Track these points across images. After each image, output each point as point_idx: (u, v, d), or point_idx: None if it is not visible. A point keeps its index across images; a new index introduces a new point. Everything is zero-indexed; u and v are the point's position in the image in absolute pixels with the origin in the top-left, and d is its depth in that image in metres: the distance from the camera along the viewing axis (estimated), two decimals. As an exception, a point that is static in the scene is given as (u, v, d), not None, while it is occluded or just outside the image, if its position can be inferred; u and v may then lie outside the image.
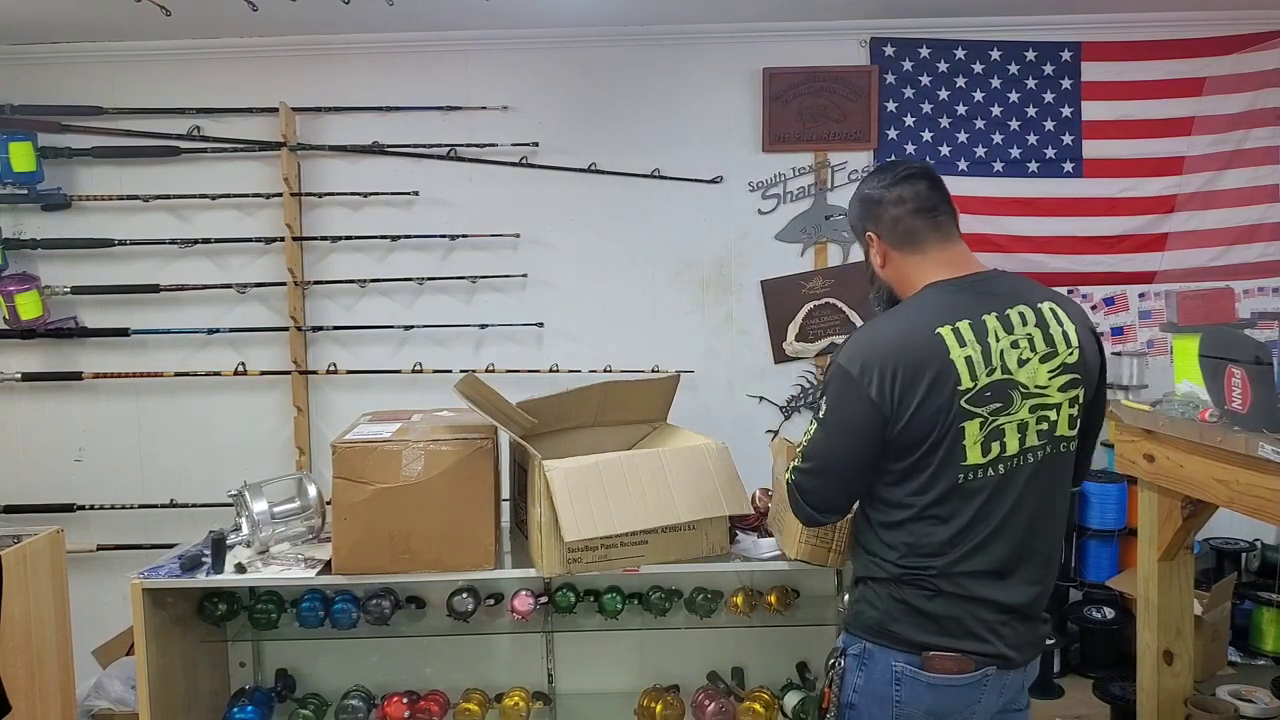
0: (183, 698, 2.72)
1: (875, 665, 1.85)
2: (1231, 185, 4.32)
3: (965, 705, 1.84)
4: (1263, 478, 2.16)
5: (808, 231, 4.35)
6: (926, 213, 1.89)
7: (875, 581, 1.87)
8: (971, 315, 1.78)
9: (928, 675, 1.81)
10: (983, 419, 1.76)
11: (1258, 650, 3.91)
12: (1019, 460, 1.80)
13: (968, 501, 1.79)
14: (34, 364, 4.26)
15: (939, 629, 1.82)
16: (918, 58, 4.30)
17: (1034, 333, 1.80)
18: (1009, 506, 1.81)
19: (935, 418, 1.75)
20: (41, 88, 4.18)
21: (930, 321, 1.78)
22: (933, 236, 1.89)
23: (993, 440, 1.77)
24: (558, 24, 4.13)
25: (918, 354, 1.75)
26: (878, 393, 1.75)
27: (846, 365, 1.81)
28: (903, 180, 1.91)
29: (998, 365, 1.76)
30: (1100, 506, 4.19)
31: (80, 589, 3.16)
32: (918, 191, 1.90)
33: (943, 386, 1.74)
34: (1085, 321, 1.91)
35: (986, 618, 1.82)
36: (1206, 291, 3.47)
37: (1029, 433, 1.79)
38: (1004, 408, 1.76)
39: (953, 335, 1.76)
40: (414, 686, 2.92)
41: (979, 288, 1.85)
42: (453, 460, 2.47)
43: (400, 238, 4.23)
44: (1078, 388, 1.83)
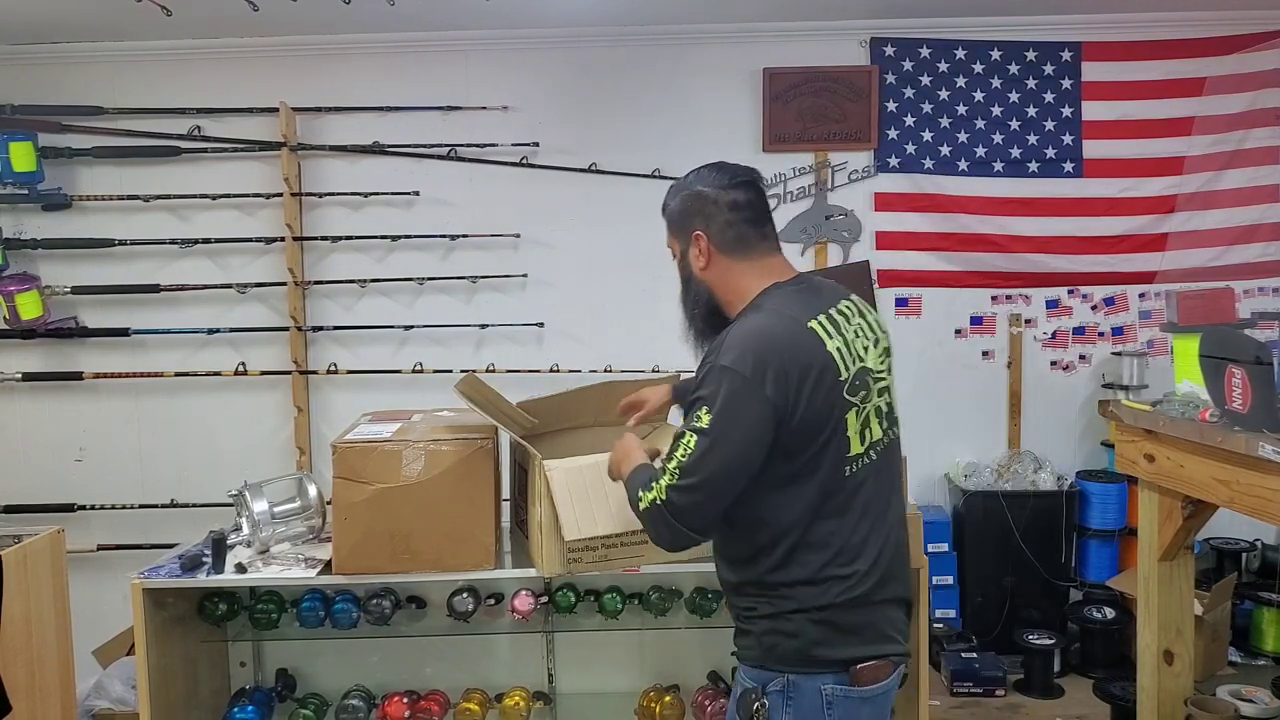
0: (183, 698, 2.71)
1: (803, 695, 1.76)
2: (1231, 185, 4.32)
3: (886, 708, 1.83)
4: (1263, 478, 2.16)
5: (808, 231, 4.35)
6: (758, 223, 1.88)
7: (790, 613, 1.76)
8: (823, 310, 1.79)
9: (859, 690, 1.76)
10: (857, 408, 1.76)
11: (1258, 650, 3.92)
12: (881, 445, 1.82)
13: (855, 495, 1.76)
14: (34, 364, 4.26)
15: (861, 639, 1.77)
16: (918, 58, 4.30)
17: (861, 324, 1.83)
18: (883, 496, 1.82)
19: (825, 411, 1.72)
20: (41, 88, 4.18)
21: (802, 317, 1.76)
22: (762, 245, 1.88)
23: (865, 428, 1.78)
24: (558, 24, 4.13)
25: (805, 349, 1.72)
26: (775, 392, 1.68)
27: (735, 367, 1.69)
28: (739, 185, 1.88)
29: (857, 354, 1.78)
30: (1100, 506, 4.20)
31: (80, 589, 3.16)
32: (751, 200, 1.88)
33: (829, 380, 1.72)
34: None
35: (891, 615, 1.81)
36: (1206, 291, 3.47)
37: (882, 417, 1.83)
38: (867, 395, 1.78)
39: (822, 329, 1.76)
40: (414, 686, 2.91)
41: (812, 288, 1.86)
42: (453, 460, 2.47)
43: (400, 238, 4.23)
44: (890, 375, 1.88)
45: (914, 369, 4.40)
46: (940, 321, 4.40)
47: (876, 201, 4.35)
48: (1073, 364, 4.43)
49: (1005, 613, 4.18)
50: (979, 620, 4.20)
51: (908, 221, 4.36)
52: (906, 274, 4.38)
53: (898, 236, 4.36)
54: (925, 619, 2.65)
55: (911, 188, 4.34)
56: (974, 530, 4.18)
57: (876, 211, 4.36)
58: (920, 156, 4.32)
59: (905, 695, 2.74)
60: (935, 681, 3.89)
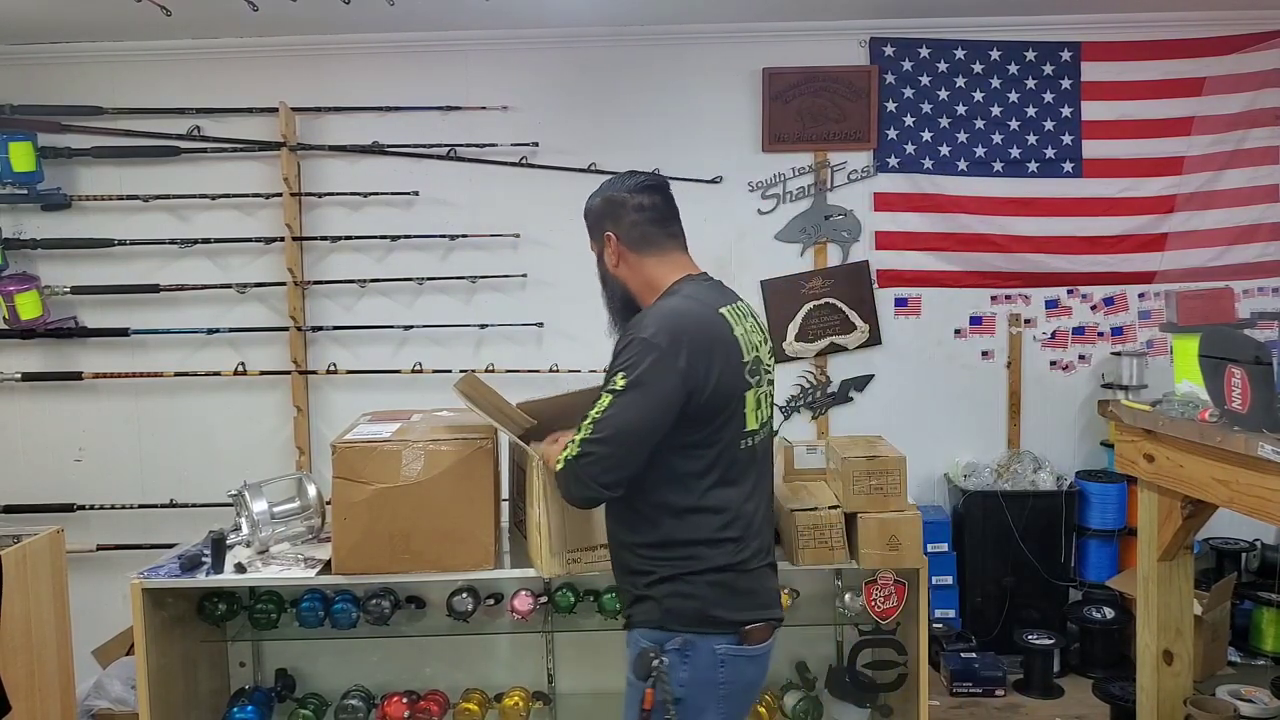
0: (183, 698, 2.71)
1: (699, 654, 1.90)
2: (1231, 185, 4.32)
3: (766, 666, 2.02)
4: (1263, 478, 2.16)
5: (807, 231, 4.35)
6: (663, 223, 2.06)
7: (689, 574, 1.91)
8: (728, 303, 2.01)
9: (748, 649, 1.94)
10: (754, 389, 1.97)
11: (1257, 650, 3.92)
12: (767, 429, 2.04)
13: (748, 468, 1.97)
14: (34, 364, 4.26)
15: (751, 602, 1.95)
16: (917, 58, 4.30)
17: (752, 322, 2.03)
18: (766, 473, 2.06)
19: (730, 388, 1.91)
20: (41, 88, 4.18)
21: (713, 303, 1.97)
22: (670, 243, 2.07)
23: (755, 409, 1.98)
24: (557, 24, 4.13)
25: (714, 330, 1.92)
26: (687, 365, 1.85)
27: (653, 339, 1.86)
28: (644, 189, 2.06)
29: (753, 344, 1.99)
30: (1100, 506, 4.20)
31: (80, 589, 3.16)
32: (655, 203, 2.06)
33: (733, 359, 1.92)
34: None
35: (769, 582, 2.03)
36: (1206, 291, 3.47)
37: (768, 404, 2.05)
38: (759, 381, 2.00)
39: (730, 315, 1.97)
40: (414, 686, 2.92)
41: (717, 284, 2.07)
42: (453, 460, 2.47)
43: (400, 238, 4.23)
44: (771, 373, 2.07)
45: (914, 369, 4.40)
46: (940, 321, 4.41)
47: (876, 201, 4.35)
48: (1072, 364, 4.43)
49: (1005, 613, 4.18)
50: (979, 620, 4.20)
51: (907, 221, 4.36)
52: (906, 274, 4.38)
53: (897, 236, 4.36)
54: (925, 619, 2.65)
55: (911, 188, 4.34)
56: (973, 530, 4.18)
57: (876, 211, 4.36)
58: (920, 156, 4.33)
59: (905, 695, 2.75)
60: (935, 681, 3.89)
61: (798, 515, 2.53)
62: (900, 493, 2.54)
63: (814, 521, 2.52)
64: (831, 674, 2.89)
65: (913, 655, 2.71)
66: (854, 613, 2.74)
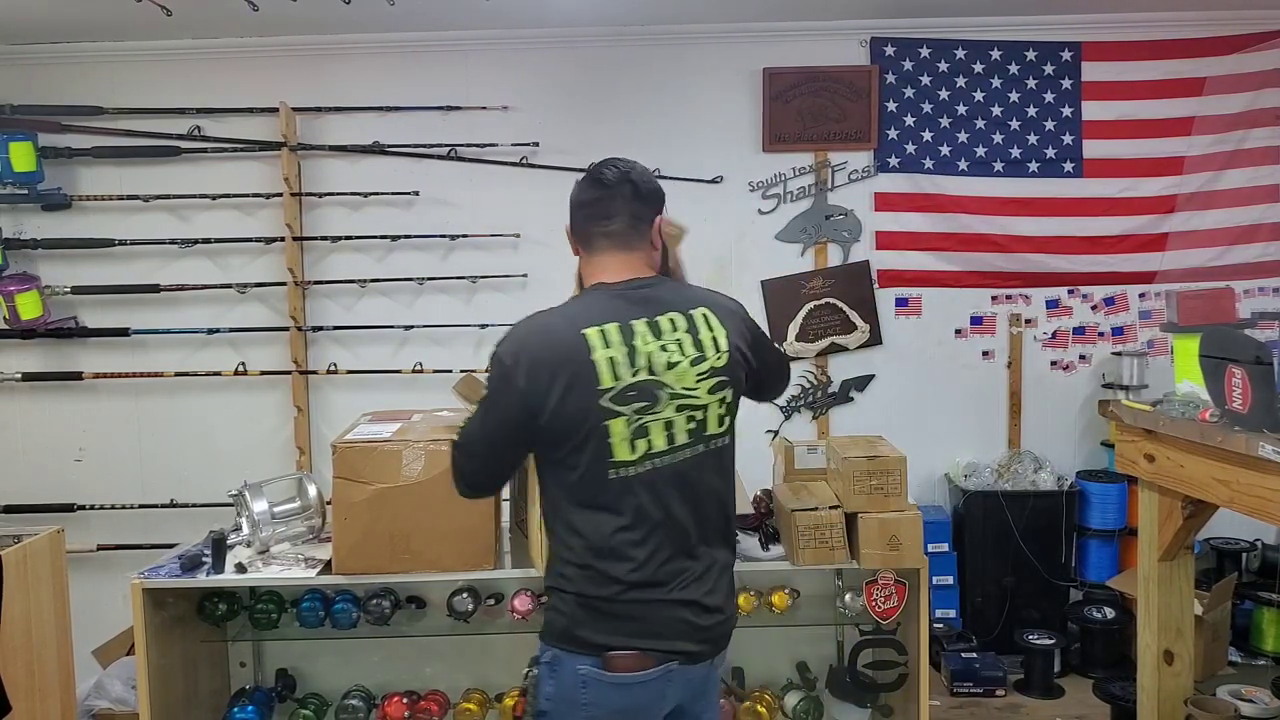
0: (183, 698, 2.71)
1: (564, 671, 1.86)
2: (1231, 185, 4.32)
3: (650, 702, 1.88)
4: (1263, 478, 2.16)
5: (808, 231, 4.35)
6: (598, 219, 1.92)
7: (562, 591, 1.88)
8: (621, 319, 1.84)
9: (610, 676, 1.83)
10: (627, 417, 1.81)
11: (1258, 650, 3.92)
12: (669, 456, 1.85)
13: (625, 497, 1.83)
14: (34, 364, 4.26)
15: (619, 628, 1.84)
16: (918, 58, 4.30)
17: (684, 338, 1.86)
18: (673, 502, 1.86)
19: (579, 414, 1.80)
20: (41, 88, 4.18)
21: (579, 322, 1.84)
22: (603, 243, 1.93)
23: (639, 438, 1.82)
24: (558, 24, 4.13)
25: (561, 351, 1.81)
26: (525, 383, 1.80)
27: (502, 355, 1.85)
28: (585, 182, 1.96)
29: (643, 366, 1.82)
30: (1100, 506, 4.20)
31: (80, 589, 3.16)
32: (594, 198, 1.93)
33: (582, 384, 1.79)
34: (737, 320, 1.96)
35: (669, 615, 1.85)
36: (1207, 291, 3.47)
37: (678, 431, 1.85)
38: (650, 407, 1.82)
39: (598, 336, 1.82)
40: (414, 686, 2.91)
41: (635, 295, 1.89)
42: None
43: (400, 238, 4.23)
44: (726, 389, 1.88)
45: (914, 369, 4.40)
46: (940, 321, 4.40)
47: (876, 201, 4.35)
48: (1073, 364, 4.43)
49: (1005, 613, 4.18)
50: (979, 620, 4.20)
51: (908, 221, 4.36)
52: (906, 274, 4.38)
53: (898, 236, 4.36)
54: (926, 619, 2.65)
55: (911, 188, 4.34)
56: (974, 530, 4.18)
57: (876, 211, 4.35)
58: (920, 156, 4.32)
59: (905, 695, 2.75)
60: (935, 681, 3.89)
61: (798, 515, 2.53)
62: (901, 493, 2.54)
63: (814, 521, 2.52)
64: (832, 674, 2.89)
65: (913, 655, 2.71)
66: (854, 613, 2.74)
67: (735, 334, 1.92)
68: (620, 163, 1.97)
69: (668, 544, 1.85)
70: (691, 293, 1.97)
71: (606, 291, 1.90)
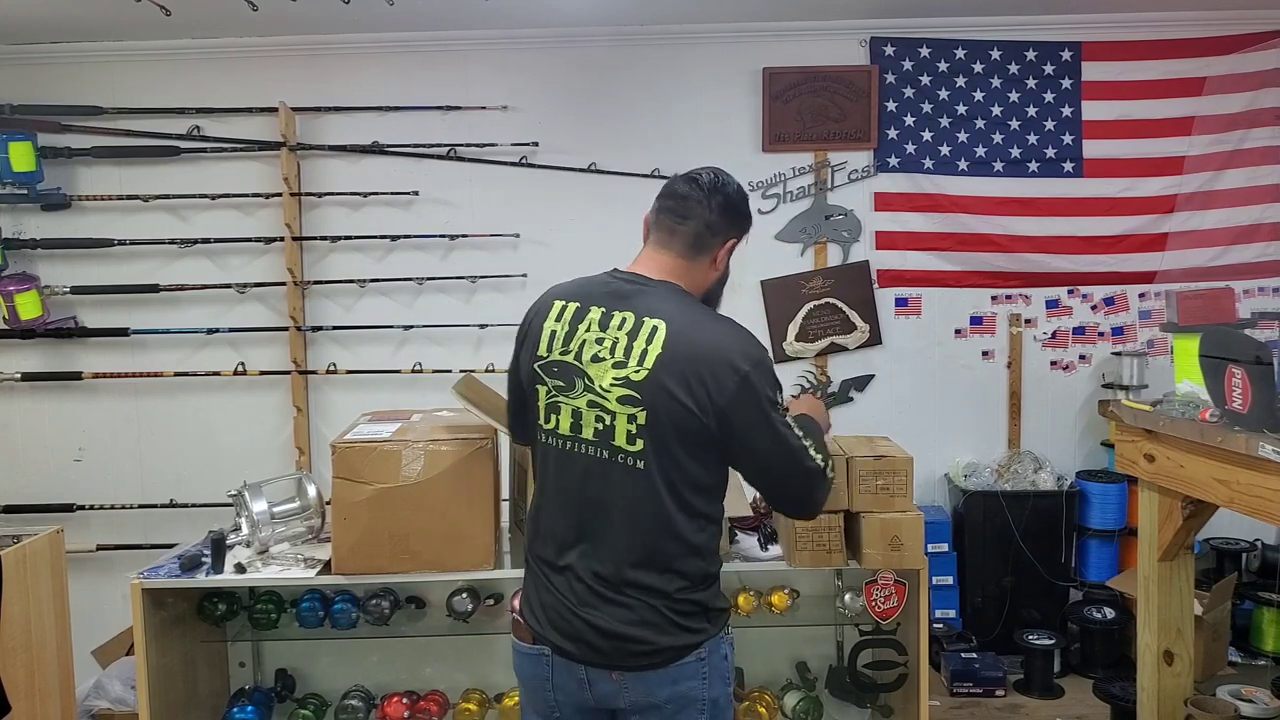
0: (183, 698, 2.71)
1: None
2: (1231, 185, 4.32)
3: (536, 676, 1.92)
4: (1263, 478, 2.16)
5: (807, 231, 4.34)
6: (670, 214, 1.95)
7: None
8: (584, 301, 1.91)
9: (514, 640, 1.97)
10: (548, 389, 1.90)
11: (1258, 650, 3.92)
12: (572, 445, 1.87)
13: (545, 467, 1.93)
14: (34, 364, 4.26)
15: (527, 598, 1.95)
16: (918, 57, 4.30)
17: (620, 338, 1.83)
18: (572, 490, 1.88)
19: (527, 371, 1.94)
20: (41, 88, 4.18)
21: (562, 292, 1.97)
22: (654, 235, 1.98)
23: (551, 412, 1.90)
24: (558, 24, 4.13)
25: (538, 314, 1.96)
26: (520, 333, 2.00)
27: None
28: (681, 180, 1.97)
29: (573, 350, 1.87)
30: (1100, 506, 4.20)
31: (80, 589, 3.16)
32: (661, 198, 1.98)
33: (530, 345, 1.94)
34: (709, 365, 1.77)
35: (544, 598, 1.91)
36: (1206, 291, 3.47)
37: (584, 425, 1.85)
38: (566, 388, 1.87)
39: (559, 308, 1.93)
40: (414, 686, 2.92)
41: (618, 285, 1.92)
42: (452, 460, 2.47)
43: (400, 238, 4.23)
44: (636, 407, 1.79)
45: (914, 369, 4.40)
46: (940, 321, 4.40)
47: (876, 201, 4.35)
48: (1073, 364, 4.43)
49: (1005, 613, 4.18)
50: (979, 620, 4.20)
51: (908, 221, 4.36)
52: (906, 274, 4.38)
53: (898, 236, 4.36)
54: (925, 619, 2.65)
55: (911, 187, 4.34)
56: (974, 530, 4.18)
57: (876, 211, 4.35)
58: (920, 156, 4.32)
59: (905, 695, 2.75)
60: (935, 681, 3.89)
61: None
62: (906, 493, 2.53)
63: (813, 524, 2.51)
64: (832, 674, 2.89)
65: (913, 655, 2.70)
66: (854, 613, 2.74)
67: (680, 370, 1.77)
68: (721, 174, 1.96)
69: (564, 530, 1.88)
70: (676, 310, 1.84)
71: (607, 274, 1.97)
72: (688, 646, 1.86)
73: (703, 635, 1.87)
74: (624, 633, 1.82)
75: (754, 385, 1.78)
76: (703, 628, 1.88)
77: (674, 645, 1.84)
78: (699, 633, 1.87)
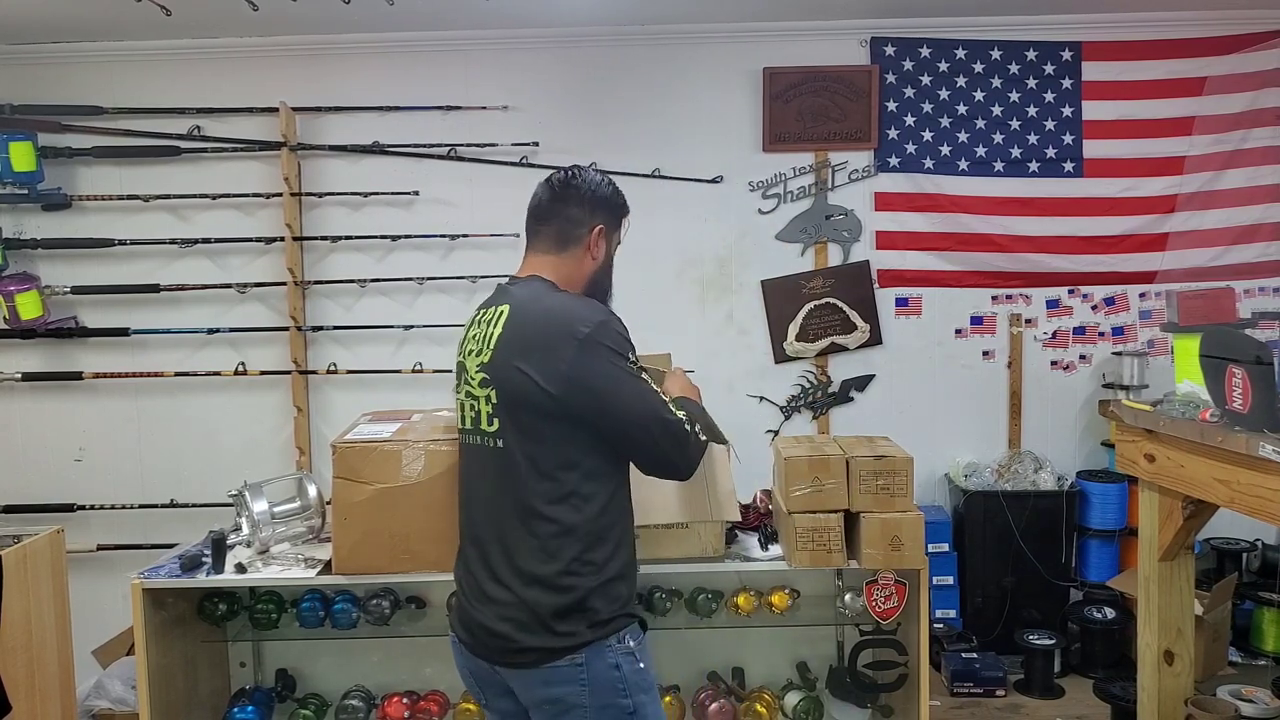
0: (183, 698, 2.71)
1: None
2: (1232, 185, 4.32)
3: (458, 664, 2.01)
4: (1263, 477, 2.16)
5: (808, 231, 4.34)
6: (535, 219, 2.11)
7: None
8: (484, 305, 2.04)
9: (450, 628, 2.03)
10: (459, 384, 2.02)
11: (1258, 650, 3.92)
12: (466, 437, 1.99)
13: (469, 461, 2.00)
14: (34, 364, 4.26)
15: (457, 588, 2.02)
16: (918, 57, 4.30)
17: (485, 330, 1.95)
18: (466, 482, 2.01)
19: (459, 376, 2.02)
20: (41, 88, 4.18)
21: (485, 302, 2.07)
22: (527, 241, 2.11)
23: (462, 407, 2.00)
24: (558, 24, 4.13)
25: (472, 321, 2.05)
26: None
27: None
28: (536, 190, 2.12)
29: (462, 351, 2.02)
30: (1101, 506, 4.20)
31: (80, 589, 3.16)
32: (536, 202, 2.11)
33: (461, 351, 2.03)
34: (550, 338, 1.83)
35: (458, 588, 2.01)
36: (1207, 291, 3.47)
37: (465, 415, 1.98)
38: (458, 386, 2.01)
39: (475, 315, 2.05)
40: (414, 686, 2.91)
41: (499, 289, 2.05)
42: (453, 460, 2.46)
43: (400, 238, 4.23)
44: (488, 388, 1.89)
45: (914, 369, 4.40)
46: (940, 321, 4.40)
47: (876, 201, 4.35)
48: (1073, 364, 4.43)
49: (1005, 613, 4.18)
50: (979, 620, 4.20)
51: (908, 221, 4.36)
52: (906, 274, 4.38)
53: (898, 236, 4.36)
54: (926, 619, 2.64)
55: (912, 187, 4.34)
56: (974, 530, 4.18)
57: (876, 211, 4.35)
58: (920, 156, 4.32)
59: (905, 695, 2.75)
60: (935, 681, 3.89)
61: (796, 517, 2.52)
62: (907, 493, 2.53)
63: (813, 524, 2.51)
64: (832, 674, 2.89)
65: (913, 655, 2.70)
66: (855, 613, 2.74)
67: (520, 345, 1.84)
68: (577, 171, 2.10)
69: (465, 522, 2.00)
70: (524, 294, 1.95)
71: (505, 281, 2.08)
72: (557, 650, 1.82)
73: (572, 639, 1.82)
74: (494, 628, 1.86)
75: (594, 345, 1.82)
76: (574, 630, 1.82)
77: (542, 646, 1.82)
78: (568, 636, 1.81)
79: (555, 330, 1.83)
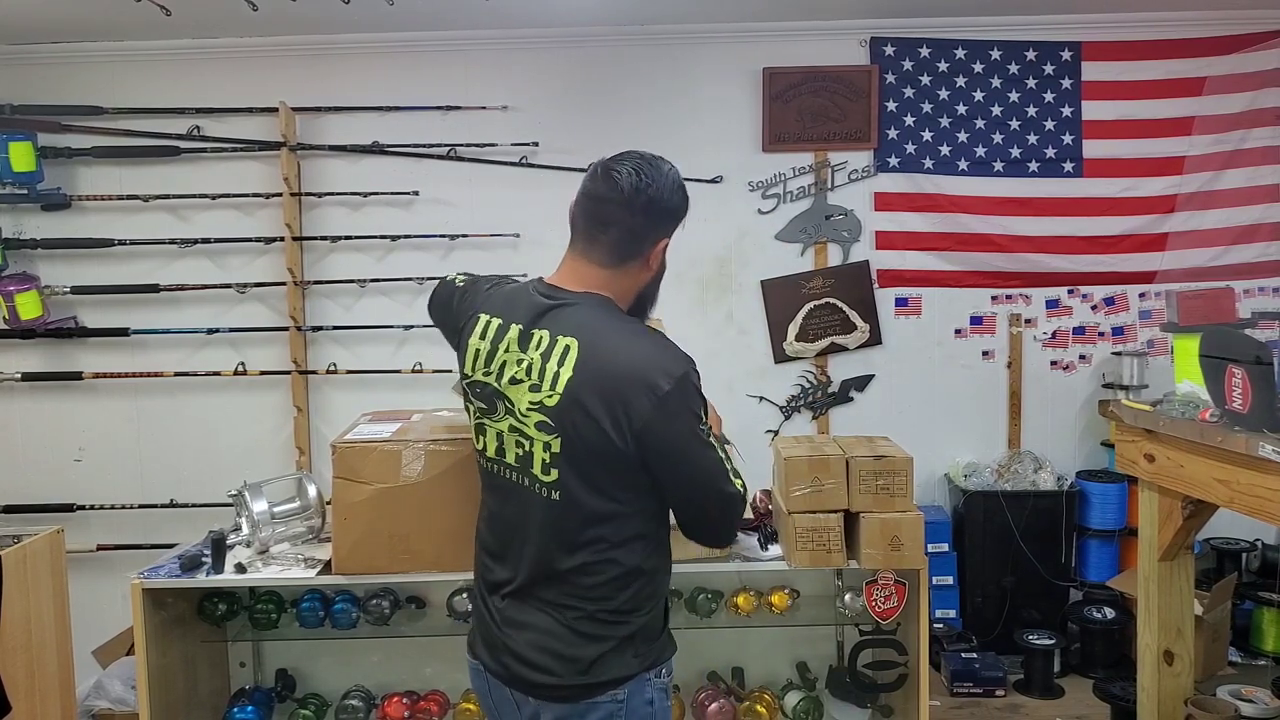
0: (183, 698, 2.71)
1: None
2: (1231, 185, 4.32)
3: (477, 689, 1.92)
4: (1263, 477, 2.16)
5: (807, 231, 4.34)
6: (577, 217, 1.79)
7: None
8: (506, 318, 1.79)
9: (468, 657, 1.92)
10: (474, 410, 1.84)
11: (1258, 650, 3.92)
12: (498, 468, 1.81)
13: (486, 485, 1.88)
14: (34, 364, 4.26)
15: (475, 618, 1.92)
16: (918, 57, 4.30)
17: (535, 359, 1.71)
18: (499, 512, 1.84)
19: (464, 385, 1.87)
20: (41, 88, 4.18)
21: (489, 304, 1.86)
22: (574, 238, 1.79)
23: (479, 433, 1.84)
24: (557, 24, 4.13)
25: (467, 324, 1.87)
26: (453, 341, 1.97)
27: None
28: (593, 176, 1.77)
29: (494, 371, 1.77)
30: (1101, 506, 4.21)
31: (80, 589, 3.16)
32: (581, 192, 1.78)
33: (460, 360, 1.88)
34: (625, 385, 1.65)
35: (480, 611, 1.88)
36: (1207, 291, 3.48)
37: (507, 449, 1.77)
38: (489, 411, 1.80)
39: (483, 325, 1.82)
40: (414, 686, 2.91)
41: (540, 299, 1.76)
42: (453, 460, 2.47)
43: (400, 238, 4.23)
44: (550, 434, 1.69)
45: (914, 369, 4.40)
46: (940, 321, 4.40)
47: (876, 201, 4.35)
48: (1073, 364, 4.43)
49: (1005, 613, 4.18)
50: (979, 620, 4.20)
51: (908, 221, 4.36)
52: (906, 274, 4.38)
53: (898, 236, 4.36)
54: (926, 619, 2.65)
55: (911, 187, 4.34)
56: (974, 530, 4.18)
57: (876, 211, 4.35)
58: (920, 156, 4.32)
59: (905, 695, 2.75)
60: (935, 681, 3.89)
61: (796, 517, 2.52)
62: (906, 493, 2.52)
63: (813, 525, 2.51)
64: (832, 674, 2.89)
65: (913, 655, 2.70)
66: (854, 613, 2.74)
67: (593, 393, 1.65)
68: (645, 170, 1.76)
69: (494, 547, 1.85)
70: (591, 327, 1.70)
71: (531, 285, 1.82)
72: (602, 685, 1.74)
73: (619, 673, 1.75)
74: (532, 659, 1.75)
75: (674, 406, 1.66)
76: (620, 666, 1.75)
77: (587, 684, 1.73)
78: (615, 669, 1.74)
79: (635, 381, 1.65)
